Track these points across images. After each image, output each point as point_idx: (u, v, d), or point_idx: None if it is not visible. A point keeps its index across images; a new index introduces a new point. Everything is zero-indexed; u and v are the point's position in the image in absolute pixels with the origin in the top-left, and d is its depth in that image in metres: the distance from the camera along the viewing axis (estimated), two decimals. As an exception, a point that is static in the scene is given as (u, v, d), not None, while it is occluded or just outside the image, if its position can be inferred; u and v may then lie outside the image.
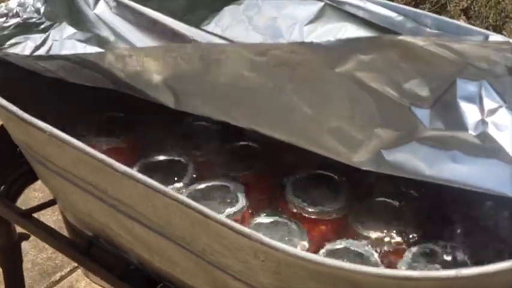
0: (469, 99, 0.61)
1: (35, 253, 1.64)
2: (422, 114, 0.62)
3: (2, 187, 1.01)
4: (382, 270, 0.53)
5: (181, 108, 0.76)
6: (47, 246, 1.22)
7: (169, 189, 0.60)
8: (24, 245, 1.09)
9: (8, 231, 1.03)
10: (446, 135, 0.62)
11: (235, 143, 0.84)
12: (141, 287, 0.84)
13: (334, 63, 0.62)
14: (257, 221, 0.71)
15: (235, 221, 0.71)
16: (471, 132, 0.60)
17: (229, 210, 0.71)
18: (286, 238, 0.68)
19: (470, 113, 0.60)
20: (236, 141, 0.84)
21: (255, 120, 0.70)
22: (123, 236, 0.79)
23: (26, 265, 1.28)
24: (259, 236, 0.56)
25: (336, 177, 0.76)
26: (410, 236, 0.69)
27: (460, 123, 0.61)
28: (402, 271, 0.54)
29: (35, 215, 0.97)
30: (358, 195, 0.75)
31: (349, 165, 0.66)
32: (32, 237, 1.02)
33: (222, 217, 0.57)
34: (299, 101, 0.65)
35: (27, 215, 0.95)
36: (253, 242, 0.56)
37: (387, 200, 0.74)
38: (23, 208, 0.97)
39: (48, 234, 0.92)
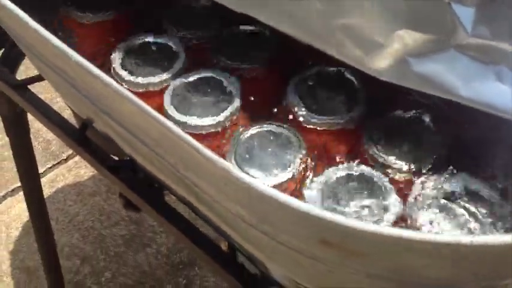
0: (532, -1, 0.44)
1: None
2: (465, 13, 0.46)
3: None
4: (385, 230, 0.41)
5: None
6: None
7: (130, 93, 0.48)
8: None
9: (8, 100, 0.94)
10: (494, 45, 0.46)
11: (241, 27, 0.69)
12: (132, 181, 0.75)
13: None
14: (249, 131, 0.58)
15: (223, 128, 0.59)
16: (529, 45, 0.44)
17: (216, 117, 0.59)
18: (278, 154, 0.56)
19: (530, 18, 0.44)
20: (243, 24, 0.69)
21: (249, 2, 0.55)
22: (109, 133, 0.69)
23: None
24: (225, 164, 0.44)
25: (354, 80, 0.62)
26: (434, 166, 0.55)
27: (514, 32, 0.45)
28: (398, 231, 0.41)
29: (34, 87, 0.88)
30: (379, 105, 0.60)
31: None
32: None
33: (186, 136, 0.46)
34: (303, -14, 0.50)
35: (21, 86, 0.86)
36: (220, 170, 0.45)
37: (415, 115, 0.59)
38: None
39: (39, 110, 0.83)
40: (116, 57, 0.66)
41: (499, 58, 0.46)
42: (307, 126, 0.59)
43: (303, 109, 0.59)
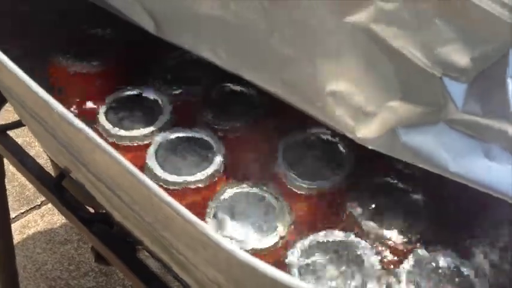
0: (524, 79, 0.44)
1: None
2: (457, 89, 0.46)
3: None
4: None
5: (163, 36, 0.61)
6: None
7: (105, 144, 0.47)
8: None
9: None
10: (483, 122, 0.46)
11: (228, 85, 0.69)
12: (105, 235, 0.72)
13: (347, 9, 0.46)
14: (230, 191, 0.57)
15: (205, 186, 0.58)
16: (519, 125, 0.44)
17: (196, 176, 0.57)
18: (259, 217, 0.55)
19: (521, 98, 0.44)
20: (231, 82, 0.69)
21: (242, 64, 0.55)
22: (86, 185, 0.67)
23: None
24: (206, 229, 0.42)
25: (340, 146, 0.61)
26: (418, 239, 0.54)
27: (505, 110, 0.45)
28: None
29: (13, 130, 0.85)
30: (365, 171, 0.60)
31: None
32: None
33: (164, 194, 0.44)
34: (297, 51, 0.50)
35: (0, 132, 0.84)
36: (200, 234, 0.43)
37: (402, 185, 0.58)
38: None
39: (16, 157, 0.81)
40: (101, 109, 0.65)
41: (489, 135, 0.46)
42: (292, 190, 0.58)
43: (288, 173, 0.58)
